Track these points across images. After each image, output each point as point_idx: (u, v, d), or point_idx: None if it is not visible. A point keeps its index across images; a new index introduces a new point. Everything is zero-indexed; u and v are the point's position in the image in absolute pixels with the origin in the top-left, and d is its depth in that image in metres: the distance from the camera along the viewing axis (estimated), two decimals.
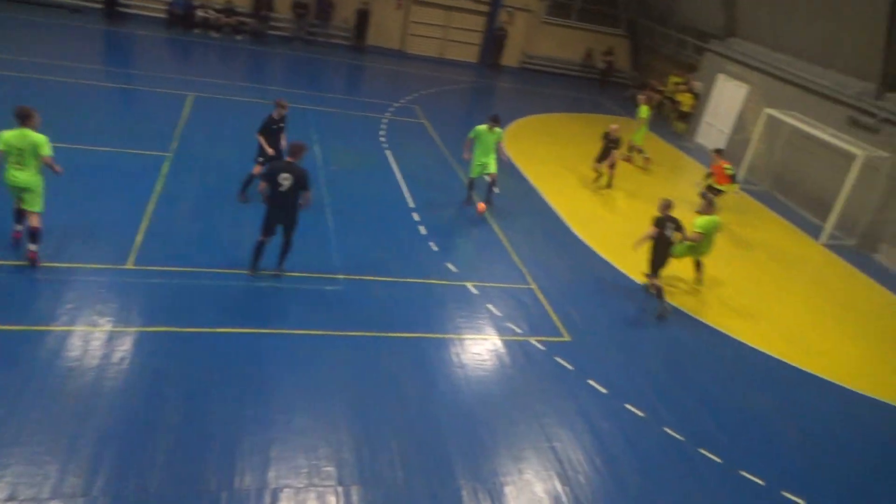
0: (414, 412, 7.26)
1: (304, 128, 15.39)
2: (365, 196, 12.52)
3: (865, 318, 11.84)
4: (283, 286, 9.08)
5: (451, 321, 9.13)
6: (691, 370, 9.15)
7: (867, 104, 15.20)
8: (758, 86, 18.95)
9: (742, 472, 7.35)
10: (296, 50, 23.20)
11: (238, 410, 6.75)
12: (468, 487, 6.41)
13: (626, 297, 10.79)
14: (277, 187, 8.64)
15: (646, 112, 17.26)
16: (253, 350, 7.69)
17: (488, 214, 12.74)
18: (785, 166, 17.56)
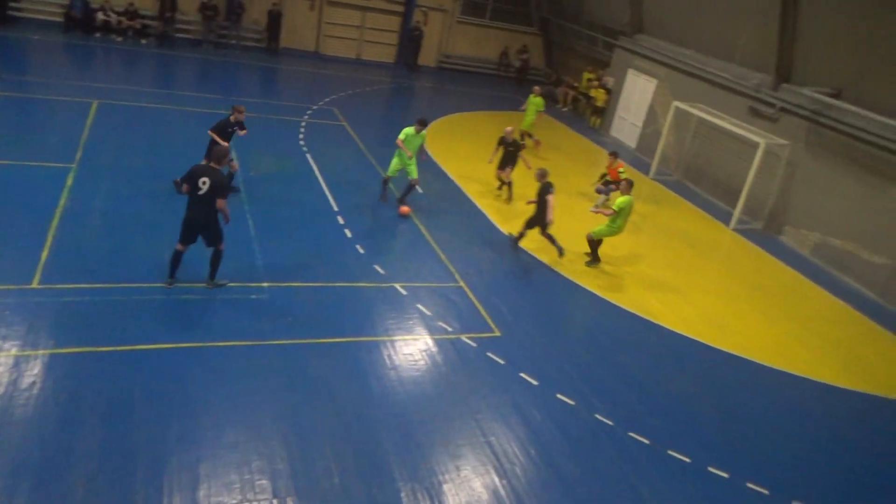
0: (348, 417, 7.16)
1: None
2: (287, 201, 12.25)
3: (774, 296, 12.55)
4: (205, 297, 8.76)
5: (382, 323, 9.06)
6: (617, 356, 9.43)
7: (765, 95, 16.11)
8: (665, 80, 19.76)
9: (670, 451, 7.63)
10: (206, 53, 22.46)
11: (162, 430, 6.46)
12: (407, 488, 6.37)
13: (553, 289, 11.01)
14: (197, 190, 8.36)
15: (538, 103, 18.24)
16: (175, 366, 7.38)
17: (413, 214, 12.72)
18: (694, 156, 18.39)
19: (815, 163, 14.93)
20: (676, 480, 7.21)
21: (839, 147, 14.34)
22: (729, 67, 17.46)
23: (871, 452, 8.50)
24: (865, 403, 9.64)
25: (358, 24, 25.85)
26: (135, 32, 21.89)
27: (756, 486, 7.36)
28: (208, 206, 8.46)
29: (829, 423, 8.95)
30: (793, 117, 15.38)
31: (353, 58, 26.13)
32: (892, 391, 10.05)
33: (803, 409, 9.15)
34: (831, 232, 14.42)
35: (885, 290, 13.19)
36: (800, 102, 15.13)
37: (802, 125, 15.14)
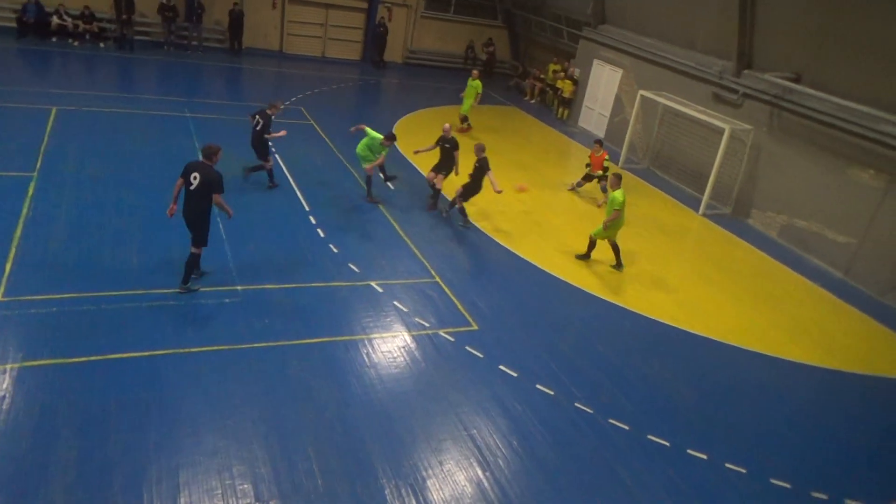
0: (329, 417, 7.12)
1: (186, 135, 14.69)
2: (258, 202, 12.11)
3: (745, 279, 12.78)
4: (178, 303, 8.63)
5: (359, 322, 9.02)
6: (594, 345, 9.52)
7: (728, 81, 16.37)
8: (630, 69, 19.95)
9: (649, 436, 7.74)
10: (167, 55, 22.05)
11: (139, 438, 6.35)
12: (390, 486, 6.36)
13: (527, 281, 11.07)
14: (188, 185, 8.49)
15: (476, 86, 18.54)
16: (150, 373, 7.26)
17: (385, 210, 12.67)
18: (662, 144, 18.62)
19: (779, 146, 15.23)
20: (656, 464, 7.31)
21: (801, 130, 14.64)
22: (692, 55, 17.70)
23: (843, 426, 8.71)
24: (835, 379, 9.88)
25: (321, 22, 25.61)
26: (92, 36, 21.41)
27: (734, 465, 7.50)
28: (198, 202, 8.53)
29: (801, 400, 9.16)
30: (755, 102, 15.66)
31: (319, 56, 25.90)
32: (860, 366, 10.32)
33: (777, 388, 9.35)
34: (796, 214, 14.73)
35: (850, 269, 13.53)
36: (762, 88, 15.41)
37: (765, 110, 15.42)
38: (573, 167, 18.93)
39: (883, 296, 12.85)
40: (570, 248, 12.62)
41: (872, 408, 9.38)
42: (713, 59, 16.99)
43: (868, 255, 13.23)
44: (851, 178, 13.59)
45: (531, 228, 13.19)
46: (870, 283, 13.12)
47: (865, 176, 13.35)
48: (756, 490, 7.20)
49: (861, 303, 12.54)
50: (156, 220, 10.71)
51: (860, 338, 11.30)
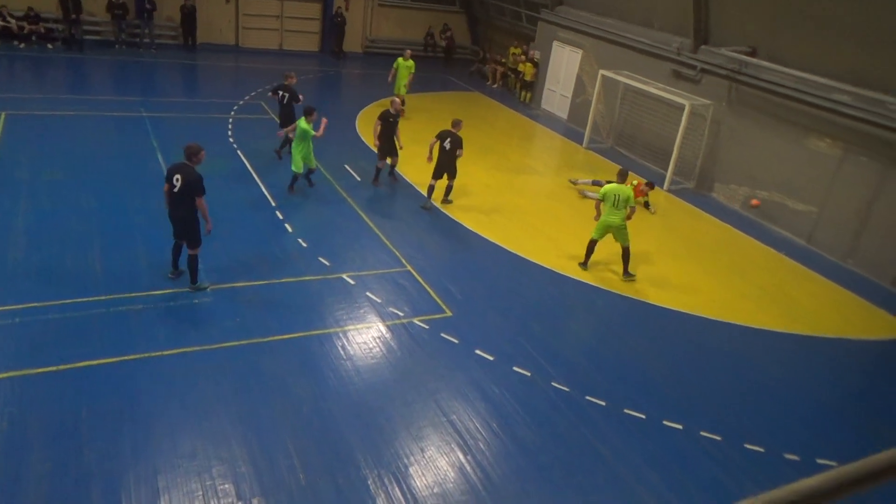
0: (308, 412, 7.07)
1: (143, 136, 14.37)
2: (223, 201, 11.88)
3: (712, 252, 13.01)
4: (146, 307, 8.46)
5: (332, 315, 8.96)
6: (568, 324, 9.62)
7: (686, 57, 16.56)
8: (590, 50, 20.05)
9: (626, 410, 7.86)
10: (119, 54, 21.50)
11: (115, 445, 6.24)
12: (373, 476, 6.36)
13: (498, 264, 11.11)
14: (172, 188, 8.41)
15: (409, 66, 18.37)
16: (121, 380, 7.12)
17: (354, 203, 12.58)
18: (625, 122, 18.79)
19: (738, 120, 15.48)
20: (634, 437, 7.43)
21: (758, 103, 14.90)
22: (649, 33, 17.85)
23: (812, 389, 8.96)
24: (803, 344, 10.15)
25: (277, 14, 25.19)
26: (39, 37, 20.75)
27: (709, 433, 7.66)
28: (182, 203, 8.43)
29: (771, 367, 9.38)
30: (713, 77, 15.87)
31: (276, 49, 25.49)
32: (825, 329, 10.61)
33: (747, 356, 9.55)
34: (758, 185, 15.02)
35: (812, 236, 13.86)
36: (719, 62, 15.62)
37: (723, 84, 15.65)
38: (538, 150, 19.05)
39: (844, 260, 13.21)
40: (537, 229, 12.69)
41: (839, 370, 9.66)
42: (671, 37, 17.16)
43: (828, 221, 13.57)
44: (809, 147, 13.89)
45: (499, 212, 13.22)
46: (831, 249, 13.47)
47: (822, 145, 13.66)
48: (731, 455, 7.37)
49: (824, 268, 12.87)
50: (117, 223, 10.50)
51: (825, 302, 11.61)
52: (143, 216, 10.79)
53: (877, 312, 11.49)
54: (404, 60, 18.38)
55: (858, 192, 12.99)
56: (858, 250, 13.04)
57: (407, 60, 18.39)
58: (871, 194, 12.80)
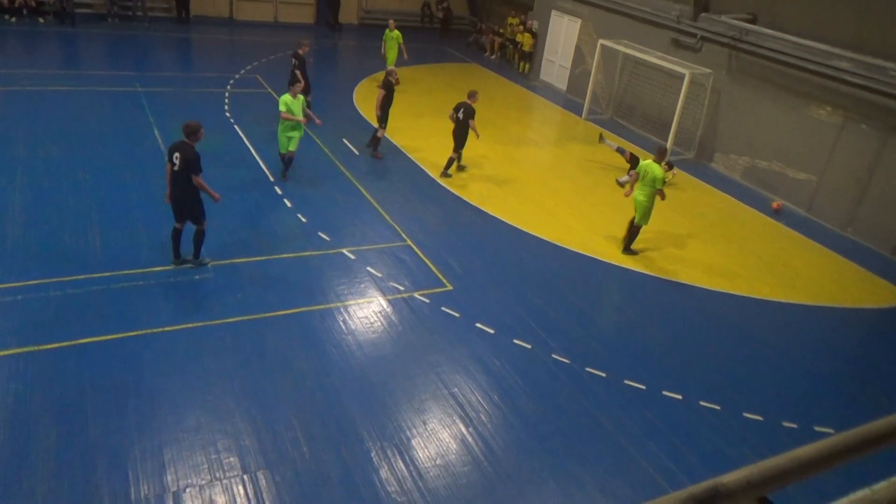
0: (310, 386, 7.14)
1: (139, 111, 14.25)
2: (220, 177, 11.80)
3: (712, 222, 13.00)
4: (148, 284, 8.48)
5: (333, 290, 8.99)
6: (567, 296, 9.65)
7: (686, 25, 16.36)
8: (589, 18, 19.79)
9: (626, 381, 7.93)
10: (111, 28, 21.20)
11: (120, 420, 6.30)
12: (376, 448, 6.44)
13: (498, 237, 11.11)
14: (173, 166, 8.36)
15: (396, 36, 18.06)
16: (125, 355, 7.17)
17: (353, 177, 12.53)
18: (624, 93, 18.63)
19: (738, 88, 15.35)
20: (634, 408, 7.51)
21: (759, 71, 14.76)
22: (649, 1, 17.60)
23: (811, 358, 9.03)
24: (802, 313, 10.20)
25: None
26: (30, 11, 20.46)
27: (708, 403, 7.74)
28: (184, 182, 8.38)
29: (770, 336, 9.44)
30: (714, 45, 15.70)
31: (271, 21, 25.15)
32: (824, 298, 10.65)
33: (746, 326, 9.61)
34: (758, 154, 14.95)
35: (812, 205, 13.84)
36: (719, 30, 15.44)
37: (723, 52, 15.48)
38: (537, 122, 18.90)
39: (844, 229, 13.22)
40: (536, 202, 12.66)
41: (837, 338, 9.73)
42: (671, 4, 16.92)
43: (828, 190, 13.54)
44: (809, 115, 13.80)
45: (498, 184, 13.19)
46: (831, 218, 13.46)
47: (823, 113, 13.57)
48: (730, 424, 7.46)
49: (824, 237, 12.88)
50: (115, 200, 10.46)
51: (824, 272, 11.64)
52: (141, 192, 10.76)
53: (875, 281, 11.52)
54: (390, 31, 18.14)
55: (858, 160, 12.94)
56: (858, 219, 13.04)
57: (392, 31, 18.11)
58: (870, 162, 12.75)
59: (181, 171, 8.32)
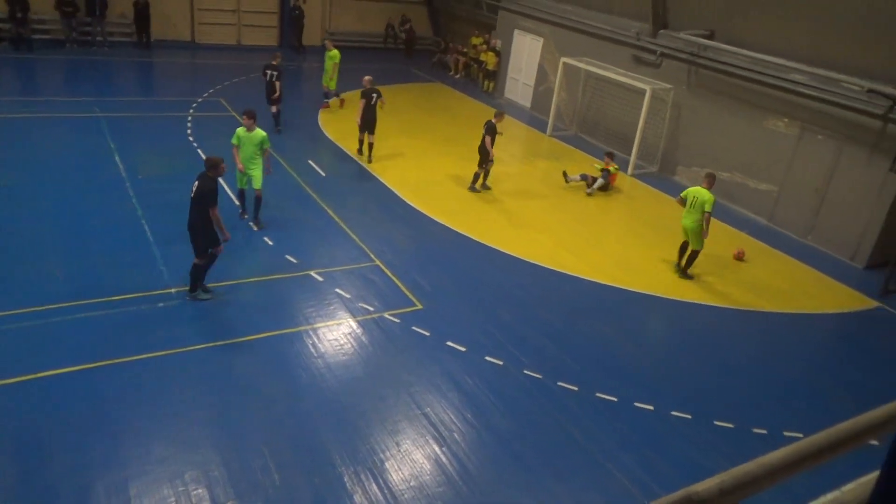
0: (280, 412, 6.99)
1: (100, 137, 13.99)
2: (184, 201, 11.56)
3: (676, 234, 13.16)
4: (109, 313, 8.26)
5: (301, 313, 8.86)
6: (537, 311, 9.66)
7: (646, 42, 16.72)
8: (550, 37, 20.11)
9: (598, 393, 7.94)
10: (70, 53, 20.86)
11: (83, 455, 6.08)
12: (349, 472, 6.32)
13: (467, 255, 11.11)
14: (191, 193, 8.41)
15: (334, 56, 17.71)
16: (87, 388, 6.94)
17: (319, 197, 12.44)
18: (587, 109, 18.92)
19: (698, 102, 15.69)
20: (606, 420, 7.51)
21: (717, 85, 15.13)
22: (609, 19, 17.96)
23: (778, 365, 9.16)
24: (768, 320, 10.36)
25: (234, 9, 24.72)
26: None
27: (680, 413, 7.78)
28: (196, 211, 8.37)
29: (738, 344, 9.56)
30: (673, 61, 16.06)
31: (234, 44, 25.03)
32: (789, 305, 10.85)
33: (714, 335, 9.73)
34: (719, 166, 15.25)
35: (773, 214, 14.15)
36: (678, 46, 15.80)
37: (683, 68, 15.84)
38: (502, 139, 18.97)
39: (805, 237, 13.53)
40: (504, 219, 12.72)
41: (802, 344, 9.90)
42: (630, 22, 17.29)
43: (788, 200, 13.87)
44: (768, 127, 14.16)
45: (465, 202, 13.22)
46: (792, 227, 13.77)
47: (781, 124, 13.93)
48: (702, 433, 7.51)
49: (786, 246, 13.17)
50: (76, 227, 10.22)
51: (787, 279, 11.87)
52: (103, 220, 10.53)
53: (837, 287, 11.78)
54: (329, 52, 17.77)
55: (816, 169, 13.29)
56: (818, 227, 13.36)
57: (330, 51, 17.73)
58: (827, 172, 13.11)
59: (196, 201, 8.34)
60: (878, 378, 9.11)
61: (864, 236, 12.53)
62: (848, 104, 12.48)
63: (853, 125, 12.58)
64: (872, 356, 9.77)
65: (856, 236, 12.65)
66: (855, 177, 12.65)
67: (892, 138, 12.03)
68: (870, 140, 12.37)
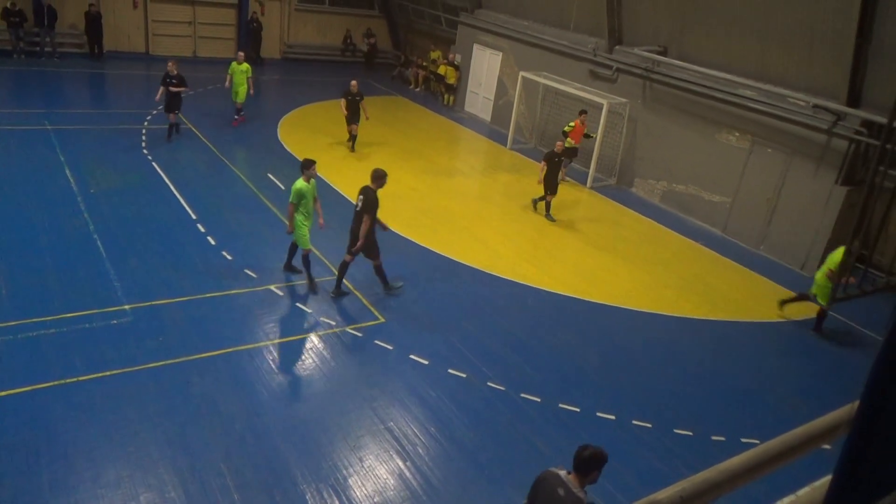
0: (239, 429, 6.84)
1: (49, 150, 13.59)
2: (139, 215, 11.40)
3: (635, 244, 13.43)
4: (59, 331, 7.98)
5: (262, 328, 8.72)
6: (500, 323, 9.69)
7: (602, 58, 17.06)
8: (510, 52, 20.36)
9: (560, 404, 7.99)
10: (18, 64, 20.27)
11: (30, 481, 5.84)
12: (311, 490, 6.22)
13: (429, 267, 11.10)
14: (355, 206, 9.30)
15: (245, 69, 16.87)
16: (35, 410, 6.69)
17: (278, 212, 12.29)
18: (546, 122, 19.17)
19: (653, 116, 16.06)
20: (569, 430, 7.56)
21: (671, 99, 15.51)
22: (566, 35, 18.28)
23: (735, 372, 9.37)
24: (723, 329, 10.60)
25: (189, 20, 24.38)
26: None
27: (640, 422, 7.88)
28: (357, 220, 9.22)
29: (695, 353, 9.75)
30: (628, 76, 16.41)
31: (190, 56, 24.66)
32: (743, 314, 11.12)
33: (672, 344, 9.90)
34: (675, 179, 15.62)
35: (726, 226, 14.53)
36: (633, 62, 16.16)
37: (638, 83, 16.20)
38: (463, 152, 19.18)
39: (757, 247, 13.91)
40: (466, 231, 12.76)
41: (756, 352, 10.14)
42: (586, 38, 17.63)
43: (741, 211, 14.26)
44: (720, 140, 14.57)
45: (427, 215, 13.23)
46: (745, 237, 14.15)
47: (732, 138, 14.35)
48: (662, 441, 7.61)
49: (739, 256, 13.51)
50: (24, 243, 9.88)
51: (741, 289, 12.18)
52: (52, 235, 10.21)
53: (788, 295, 12.12)
54: (238, 64, 16.79)
55: (767, 181, 13.71)
56: (769, 237, 13.76)
57: (241, 64, 16.81)
58: (777, 183, 13.53)
59: (360, 211, 9.16)
60: (829, 384, 9.39)
61: (813, 246, 12.94)
62: (795, 119, 12.94)
63: (800, 139, 13.03)
64: (823, 363, 10.06)
65: (805, 246, 13.06)
66: (803, 189, 13.09)
67: (837, 152, 12.50)
68: (816, 153, 12.83)
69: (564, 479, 4.28)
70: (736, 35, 13.84)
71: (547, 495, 4.28)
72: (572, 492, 4.18)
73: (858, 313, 11.41)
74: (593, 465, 4.28)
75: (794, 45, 12.85)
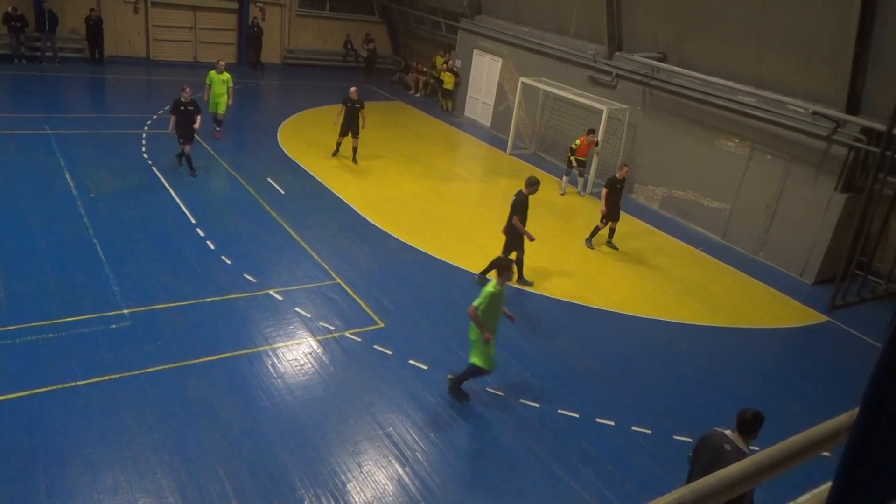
0: (238, 435, 6.83)
1: (49, 154, 13.60)
2: (138, 220, 11.40)
3: (633, 250, 13.42)
4: (58, 336, 7.97)
5: (260, 333, 8.71)
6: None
7: (602, 64, 17.10)
8: (510, 57, 20.41)
9: (560, 410, 7.97)
10: (19, 69, 20.30)
11: (27, 487, 5.82)
12: (310, 495, 6.20)
13: (428, 272, 11.10)
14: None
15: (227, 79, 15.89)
16: (31, 415, 6.67)
17: (278, 215, 12.30)
18: (546, 128, 19.20)
19: (653, 123, 16.09)
20: (569, 436, 7.54)
21: (671, 106, 15.54)
22: (566, 41, 18.33)
23: (733, 378, 9.35)
24: (722, 335, 10.59)
25: (190, 26, 24.45)
26: None
27: (640, 427, 7.87)
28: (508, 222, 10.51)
29: (694, 358, 9.74)
30: (628, 83, 16.45)
31: (191, 61, 24.72)
32: (741, 320, 11.12)
33: (671, 349, 9.89)
34: (674, 185, 15.64)
35: (726, 232, 14.53)
36: (632, 68, 16.20)
37: (637, 89, 16.23)
38: (463, 157, 19.22)
39: (756, 253, 13.92)
40: (465, 236, 12.77)
41: (755, 358, 10.14)
42: (586, 44, 17.67)
43: (740, 217, 14.27)
44: (719, 147, 14.59)
45: (427, 220, 13.24)
46: (744, 243, 14.16)
47: (731, 144, 14.37)
48: (662, 448, 7.59)
49: (738, 262, 13.52)
50: (23, 247, 9.87)
51: (740, 294, 12.17)
52: (51, 239, 10.21)
53: (787, 301, 12.13)
54: (217, 74, 15.77)
55: (766, 188, 13.72)
56: (769, 243, 13.76)
57: (221, 73, 15.77)
58: (776, 190, 13.54)
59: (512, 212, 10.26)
60: (829, 390, 9.38)
61: (812, 253, 12.95)
62: (794, 125, 12.96)
63: (800, 146, 13.05)
64: (822, 369, 10.06)
65: (805, 253, 13.07)
66: (803, 195, 13.10)
67: (836, 159, 12.52)
68: (815, 160, 12.85)
69: (730, 436, 4.97)
70: (735, 42, 13.88)
71: (714, 451, 4.92)
72: (738, 447, 4.86)
73: (858, 320, 11.42)
74: (754, 424, 4.95)
75: (794, 52, 12.89)
